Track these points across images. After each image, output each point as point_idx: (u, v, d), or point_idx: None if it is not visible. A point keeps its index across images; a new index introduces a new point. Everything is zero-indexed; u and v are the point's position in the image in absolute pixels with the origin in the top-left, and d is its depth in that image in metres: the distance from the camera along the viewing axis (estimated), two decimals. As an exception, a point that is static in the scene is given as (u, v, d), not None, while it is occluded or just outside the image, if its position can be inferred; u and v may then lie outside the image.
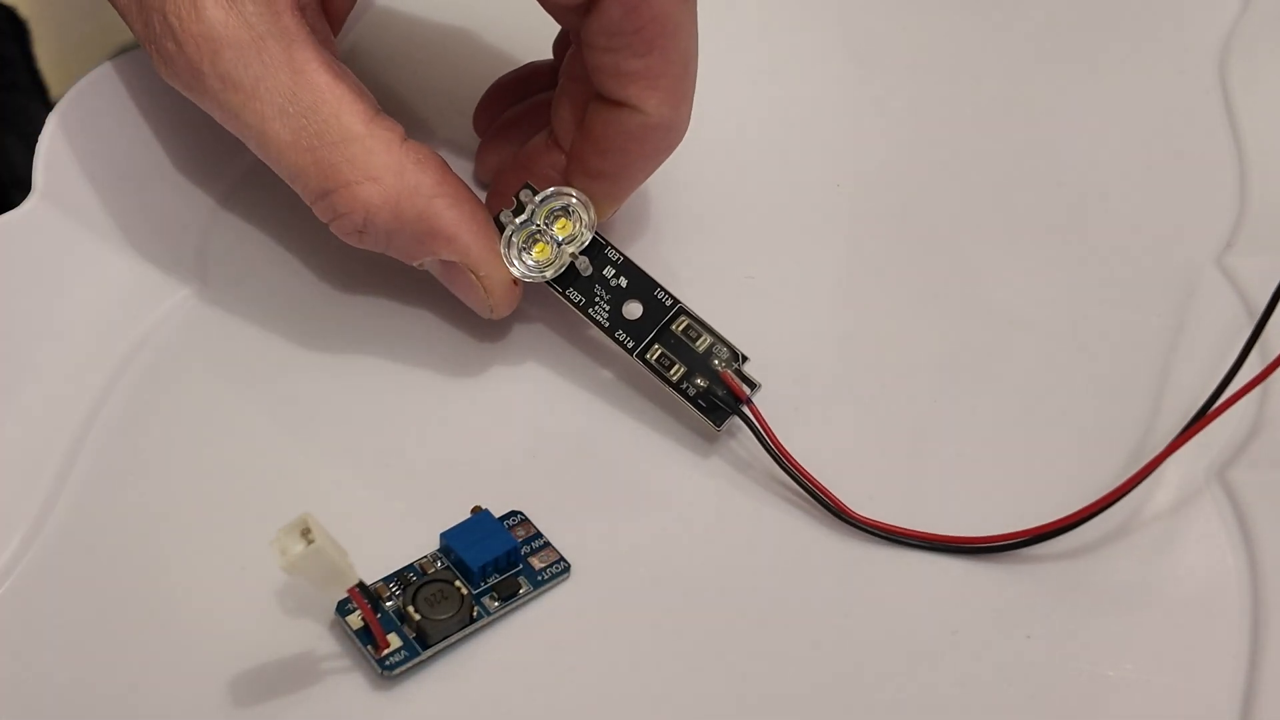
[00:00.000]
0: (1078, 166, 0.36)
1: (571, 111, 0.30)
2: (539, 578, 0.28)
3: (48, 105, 0.31)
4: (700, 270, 0.33)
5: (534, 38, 0.35)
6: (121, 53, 0.33)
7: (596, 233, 0.30)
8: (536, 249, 0.30)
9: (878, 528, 0.28)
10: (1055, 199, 0.35)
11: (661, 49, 0.28)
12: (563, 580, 0.28)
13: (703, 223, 0.34)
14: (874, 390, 0.31)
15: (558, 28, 0.33)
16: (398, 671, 0.26)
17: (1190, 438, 0.28)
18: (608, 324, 0.30)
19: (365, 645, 0.26)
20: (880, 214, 0.35)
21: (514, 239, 0.30)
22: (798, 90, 0.38)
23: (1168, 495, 0.29)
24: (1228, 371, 0.29)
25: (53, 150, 0.31)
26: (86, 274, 0.31)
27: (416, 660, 0.26)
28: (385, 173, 0.28)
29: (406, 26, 0.38)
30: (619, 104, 0.29)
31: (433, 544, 0.28)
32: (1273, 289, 0.30)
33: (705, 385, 0.29)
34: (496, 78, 0.34)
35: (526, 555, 0.28)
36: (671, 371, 0.30)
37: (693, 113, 0.30)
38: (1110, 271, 0.34)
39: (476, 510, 0.28)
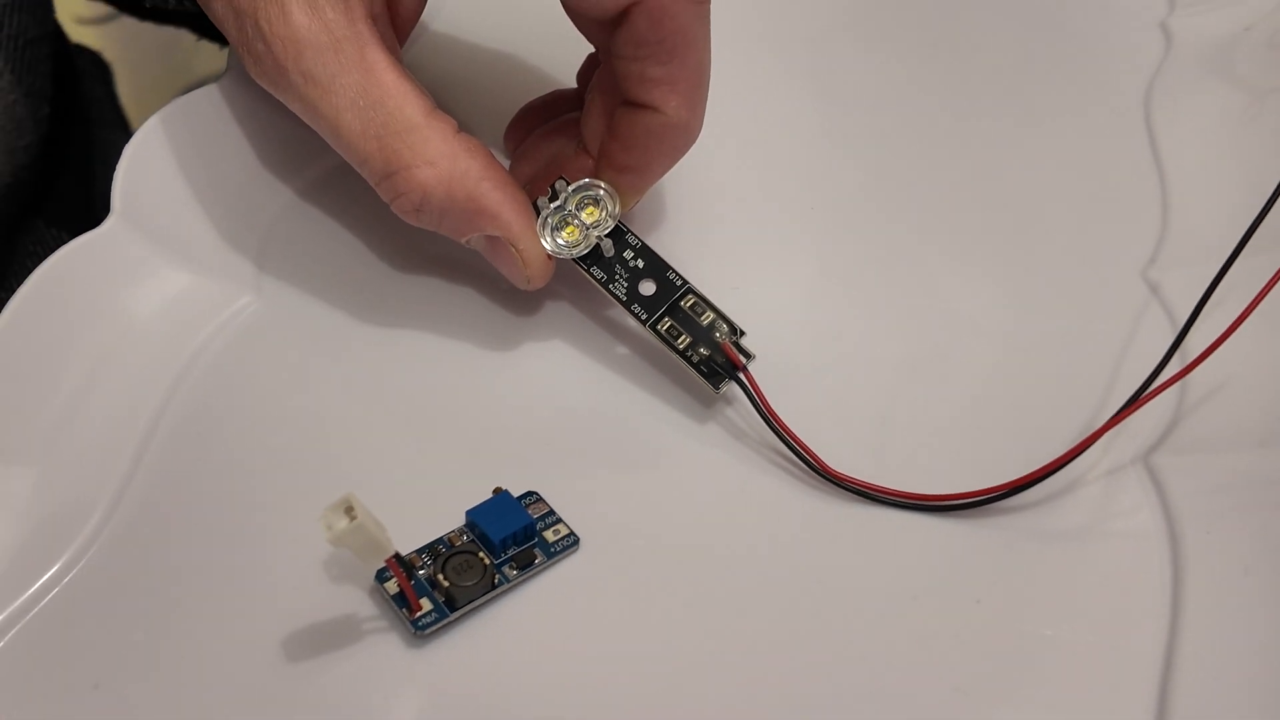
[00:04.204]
0: (1021, 192, 0.36)
1: (600, 119, 0.31)
2: (552, 549, 0.27)
3: (130, 137, 0.32)
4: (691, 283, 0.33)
5: (558, 69, 0.36)
6: (188, 90, 0.33)
7: (619, 221, 0.30)
8: (566, 231, 0.30)
9: (852, 483, 0.28)
10: (1001, 221, 0.35)
11: (681, 58, 0.28)
12: (572, 551, 0.28)
13: (692, 242, 0.34)
14: (844, 388, 0.31)
15: (579, 60, 0.33)
16: (429, 631, 0.26)
17: (1121, 420, 0.28)
18: (625, 298, 0.30)
19: (401, 608, 0.26)
20: (849, 234, 0.35)
21: (548, 220, 0.30)
22: (775, 126, 0.38)
23: (1099, 475, 0.29)
24: (1154, 369, 0.29)
25: (129, 176, 0.31)
26: (157, 284, 0.31)
27: (445, 621, 0.26)
28: (441, 159, 0.28)
29: (450, 55, 0.38)
30: (643, 106, 0.29)
31: (459, 520, 0.28)
32: (1188, 296, 0.30)
33: (707, 354, 0.30)
34: (525, 101, 0.35)
35: (541, 530, 0.28)
36: (679, 341, 0.30)
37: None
38: (1050, 283, 0.34)
39: (498, 491, 0.28)
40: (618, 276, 0.30)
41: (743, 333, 0.30)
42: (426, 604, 0.26)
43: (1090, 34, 0.40)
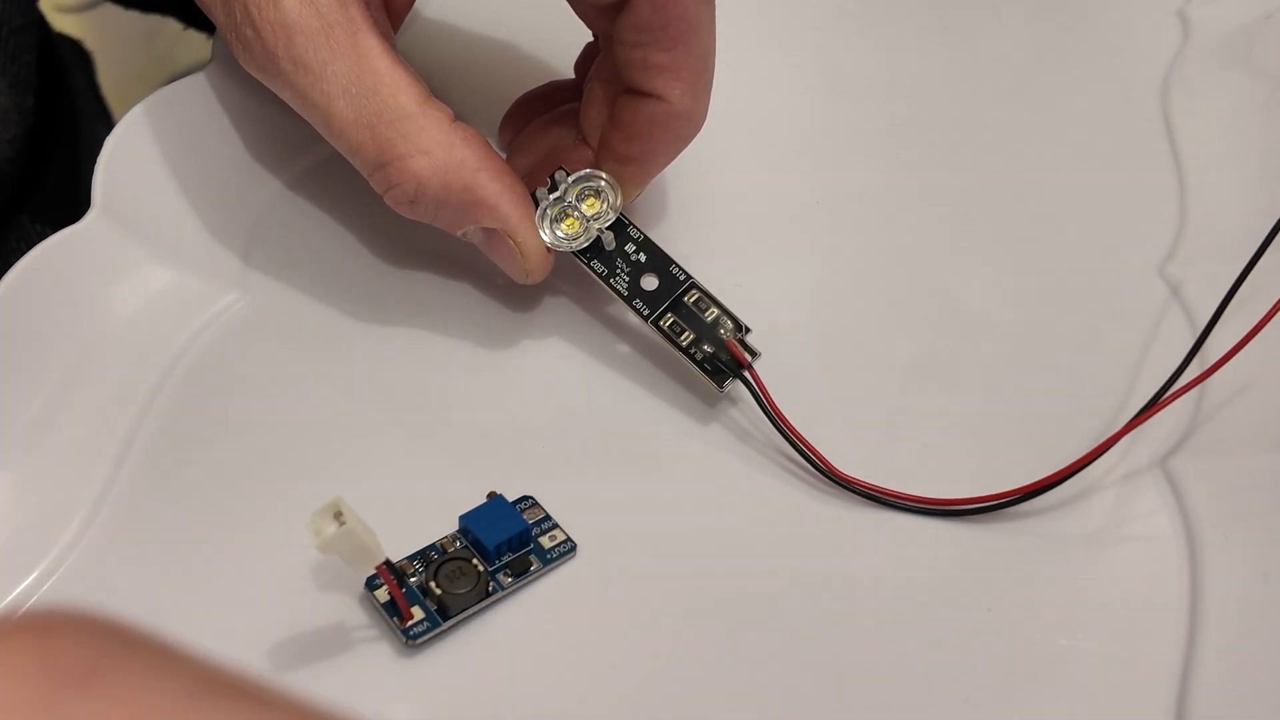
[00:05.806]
0: (1034, 186, 0.36)
1: (600, 109, 0.31)
2: (548, 556, 0.27)
3: (111, 129, 0.31)
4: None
5: (556, 58, 0.36)
6: (172, 80, 0.33)
7: (620, 213, 0.30)
8: (566, 223, 0.30)
9: (860, 486, 0.28)
10: (1014, 215, 0.35)
11: (685, 44, 0.28)
12: (569, 558, 0.27)
13: (695, 236, 0.34)
14: (851, 387, 0.31)
15: (578, 49, 0.33)
16: (420, 640, 0.26)
17: (1140, 424, 0.28)
18: (626, 293, 0.30)
19: (391, 617, 0.26)
20: (856, 228, 0.35)
21: (548, 212, 0.30)
22: (781, 116, 0.37)
23: (1116, 479, 0.29)
24: (1174, 371, 0.29)
25: (111, 169, 0.31)
26: (139, 280, 0.31)
27: (437, 630, 0.26)
28: (436, 148, 0.28)
29: (444, 42, 0.38)
30: (646, 95, 0.29)
31: (452, 526, 0.27)
32: (1209, 295, 0.30)
33: (711, 351, 0.29)
34: (521, 93, 0.34)
35: (537, 536, 0.27)
36: (682, 338, 0.29)
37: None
38: (1064, 280, 0.33)
39: (492, 495, 0.28)
40: (619, 271, 0.30)
41: (748, 329, 0.30)
42: (418, 612, 0.26)
43: (1106, 22, 0.40)
